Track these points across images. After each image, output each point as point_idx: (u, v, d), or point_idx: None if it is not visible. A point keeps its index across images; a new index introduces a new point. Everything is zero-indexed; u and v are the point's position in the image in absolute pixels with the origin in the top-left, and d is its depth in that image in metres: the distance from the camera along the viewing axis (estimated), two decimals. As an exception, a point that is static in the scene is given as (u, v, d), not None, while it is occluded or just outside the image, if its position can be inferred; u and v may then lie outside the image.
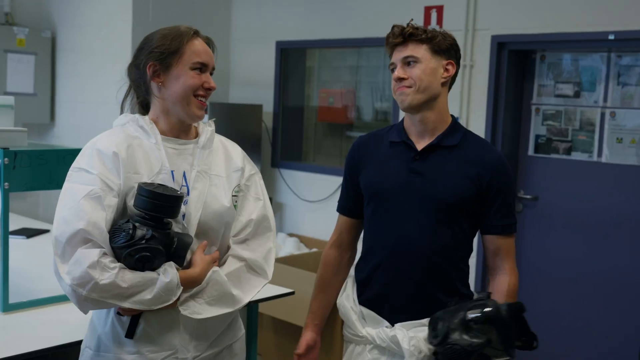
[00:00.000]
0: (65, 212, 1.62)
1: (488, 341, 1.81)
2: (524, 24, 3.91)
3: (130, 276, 1.60)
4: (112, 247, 1.62)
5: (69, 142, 5.18)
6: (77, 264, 1.57)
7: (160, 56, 1.76)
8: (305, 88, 5.36)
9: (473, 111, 4.13)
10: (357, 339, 2.12)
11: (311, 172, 5.03)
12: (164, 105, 1.79)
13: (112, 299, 1.60)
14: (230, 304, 1.80)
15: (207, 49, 1.82)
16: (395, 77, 2.02)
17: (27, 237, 3.41)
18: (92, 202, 1.62)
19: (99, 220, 1.61)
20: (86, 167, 1.68)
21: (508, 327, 1.82)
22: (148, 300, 1.63)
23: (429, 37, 2.01)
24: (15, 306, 2.30)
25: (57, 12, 5.49)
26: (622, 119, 3.81)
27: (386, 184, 2.07)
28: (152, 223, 1.63)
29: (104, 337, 1.75)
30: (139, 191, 1.64)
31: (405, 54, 2.01)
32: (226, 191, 1.84)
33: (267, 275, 1.89)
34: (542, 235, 4.12)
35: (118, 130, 1.78)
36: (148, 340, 1.73)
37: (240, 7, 5.44)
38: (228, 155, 1.92)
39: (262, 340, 4.14)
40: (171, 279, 1.65)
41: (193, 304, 1.73)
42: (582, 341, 3.96)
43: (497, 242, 2.08)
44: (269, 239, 1.91)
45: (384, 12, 4.49)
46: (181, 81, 1.76)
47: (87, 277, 1.56)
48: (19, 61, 5.27)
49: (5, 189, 2.23)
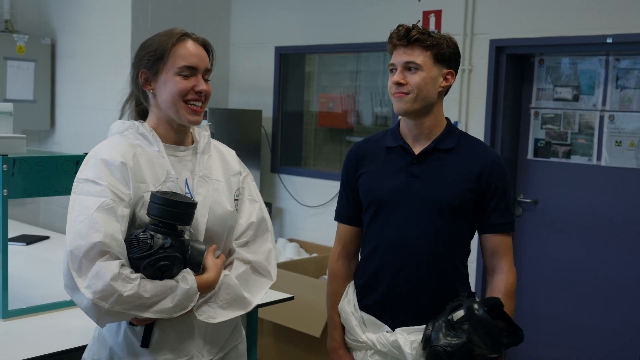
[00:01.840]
0: (79, 226, 1.58)
1: (468, 340, 1.83)
2: (522, 28, 3.92)
3: (151, 286, 1.60)
4: (131, 257, 1.60)
5: (69, 149, 5.19)
6: (98, 277, 1.54)
7: (148, 63, 1.74)
8: (305, 93, 5.36)
9: (472, 115, 4.14)
10: (357, 344, 2.12)
11: (311, 177, 5.03)
12: (161, 112, 1.78)
13: (134, 310, 1.58)
14: (242, 307, 1.81)
15: (197, 51, 1.77)
16: (395, 81, 2.01)
17: (27, 244, 3.40)
18: (106, 213, 1.59)
19: (115, 232, 1.59)
20: (93, 178, 1.64)
21: (485, 324, 1.83)
22: (170, 308, 1.62)
23: (434, 43, 1.99)
24: (14, 313, 2.30)
25: (56, 18, 5.51)
26: (621, 122, 3.82)
27: (385, 189, 2.07)
28: (166, 231, 1.63)
29: (117, 348, 1.73)
30: (153, 199, 1.63)
31: (408, 59, 2.00)
32: (227, 195, 1.84)
33: (272, 276, 1.90)
34: (541, 238, 4.12)
35: (119, 138, 1.74)
36: (164, 348, 1.72)
37: (240, 12, 5.45)
38: (224, 159, 1.92)
39: (262, 346, 4.13)
40: (191, 286, 1.65)
41: (207, 309, 1.74)
42: (582, 345, 3.95)
43: (495, 241, 2.07)
44: (268, 239, 1.92)
45: (383, 17, 4.50)
46: (168, 87, 1.74)
47: (110, 289, 1.54)
48: (18, 68, 5.28)
49: (4, 196, 2.23)
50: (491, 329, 1.83)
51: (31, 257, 3.20)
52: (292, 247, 4.77)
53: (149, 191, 1.68)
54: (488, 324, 1.83)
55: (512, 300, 2.05)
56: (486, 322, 1.83)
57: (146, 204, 1.66)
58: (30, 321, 2.30)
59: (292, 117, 5.36)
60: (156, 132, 1.77)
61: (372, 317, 2.09)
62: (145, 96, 1.80)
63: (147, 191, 1.68)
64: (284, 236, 5.16)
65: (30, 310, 2.35)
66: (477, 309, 1.85)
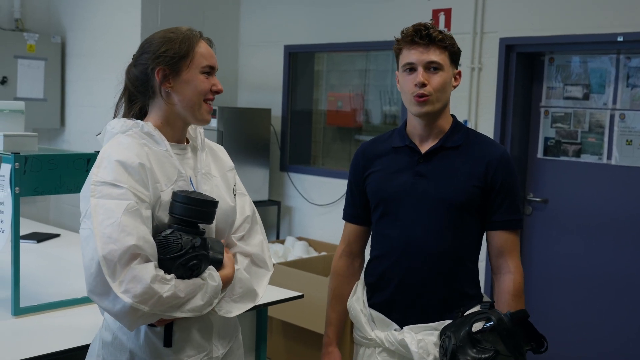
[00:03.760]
0: (108, 230, 1.54)
1: (496, 353, 1.81)
2: (532, 27, 3.90)
3: (184, 285, 1.61)
4: (162, 258, 1.60)
5: (78, 147, 5.21)
6: (137, 280, 1.53)
7: (171, 61, 1.73)
8: (314, 92, 5.36)
9: (482, 114, 4.13)
10: (366, 341, 2.12)
11: (320, 176, 5.03)
12: (171, 110, 1.76)
13: (169, 311, 1.59)
14: (252, 299, 1.84)
15: (211, 52, 1.80)
16: (419, 82, 1.97)
17: (38, 242, 3.42)
18: (133, 216, 1.57)
19: (146, 234, 1.58)
20: (112, 181, 1.61)
21: (514, 336, 1.82)
22: (200, 306, 1.64)
23: (450, 44, 2.00)
24: (26, 310, 2.31)
25: (66, 17, 5.53)
26: (631, 120, 3.80)
27: (392, 189, 2.07)
28: (190, 229, 1.65)
29: (139, 351, 1.72)
30: (176, 198, 1.64)
31: (430, 59, 1.97)
32: (226, 191, 1.86)
33: (269, 267, 1.92)
34: (551, 237, 4.10)
35: (126, 138, 1.71)
36: (186, 346, 1.73)
37: (249, 11, 5.46)
38: (215, 155, 1.92)
39: (271, 344, 4.14)
40: (218, 282, 1.68)
41: (224, 304, 1.76)
42: (592, 342, 3.94)
43: (501, 238, 2.05)
44: (258, 231, 1.94)
45: (392, 15, 4.49)
46: (192, 85, 1.74)
47: (151, 292, 1.53)
48: (29, 67, 5.31)
49: (16, 194, 2.24)
50: (520, 342, 1.82)
51: (42, 255, 3.21)
52: (301, 245, 4.77)
53: (164, 191, 1.68)
54: (518, 337, 1.82)
55: (521, 300, 2.04)
56: (517, 333, 1.82)
57: (163, 204, 1.67)
58: (42, 318, 2.31)
59: (301, 115, 5.36)
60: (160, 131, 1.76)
61: (380, 315, 2.10)
62: (154, 93, 1.77)
63: (163, 191, 1.68)
64: (292, 234, 5.16)
65: (42, 307, 2.36)
66: (508, 319, 1.82)
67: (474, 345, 1.82)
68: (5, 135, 2.39)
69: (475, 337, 1.83)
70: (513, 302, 2.01)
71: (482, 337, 1.82)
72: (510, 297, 2.02)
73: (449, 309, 2.02)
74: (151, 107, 1.79)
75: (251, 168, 5.04)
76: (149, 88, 1.77)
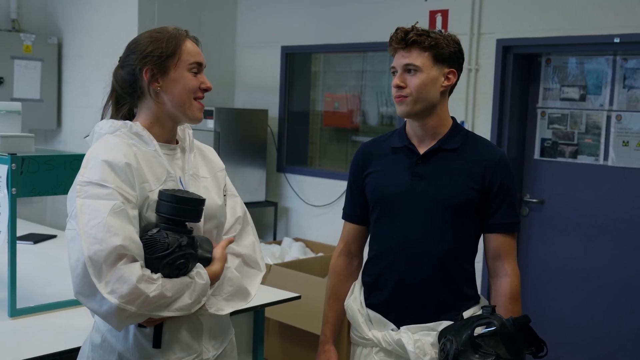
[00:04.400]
0: (93, 230, 1.54)
1: (498, 357, 1.81)
2: (529, 28, 3.91)
3: (171, 284, 1.60)
4: (148, 258, 1.59)
5: (75, 148, 5.20)
6: (123, 281, 1.52)
7: (158, 60, 1.73)
8: (311, 93, 5.37)
9: (478, 115, 4.13)
10: (363, 341, 2.13)
11: (317, 177, 5.04)
12: (161, 110, 1.76)
13: (156, 311, 1.58)
14: (244, 298, 1.83)
15: (198, 49, 1.80)
16: (395, 84, 2.03)
17: (34, 243, 3.41)
18: (119, 216, 1.57)
19: (132, 234, 1.57)
20: (98, 181, 1.60)
21: (515, 341, 1.83)
22: (188, 304, 1.63)
23: (433, 44, 1.99)
24: (22, 311, 2.31)
25: (63, 18, 5.52)
26: (628, 122, 3.81)
27: (391, 189, 2.08)
28: (177, 228, 1.64)
29: (127, 353, 1.71)
30: (163, 197, 1.63)
31: (407, 62, 2.01)
32: (216, 191, 1.85)
33: (261, 268, 1.92)
34: (548, 238, 4.11)
35: (114, 139, 1.70)
36: (175, 347, 1.72)
37: (246, 12, 5.46)
38: (205, 156, 1.92)
39: (268, 345, 4.13)
40: (206, 280, 1.67)
41: (214, 302, 1.75)
42: (589, 344, 3.94)
43: (498, 241, 2.06)
44: (250, 232, 1.94)
45: (388, 16, 4.50)
46: (181, 84, 1.74)
47: (137, 292, 1.52)
48: (25, 67, 5.30)
49: (13, 195, 2.24)
50: (521, 346, 1.83)
51: (39, 256, 3.21)
52: (298, 246, 4.76)
53: (152, 191, 1.67)
54: (519, 342, 1.82)
55: (518, 302, 2.05)
56: (518, 338, 1.82)
57: (152, 204, 1.66)
58: (38, 319, 2.30)
59: (298, 116, 5.36)
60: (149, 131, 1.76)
61: (378, 315, 2.10)
62: (143, 93, 1.76)
63: (151, 191, 1.67)
64: (289, 235, 5.16)
65: (38, 308, 2.35)
66: (510, 324, 1.83)
67: (476, 350, 1.83)
68: (2, 136, 2.39)
69: (477, 342, 1.84)
70: (510, 304, 2.02)
71: (483, 341, 1.83)
72: (507, 299, 2.03)
73: (446, 309, 2.03)
74: (140, 108, 1.79)
75: (248, 169, 5.04)
76: (137, 89, 1.77)
